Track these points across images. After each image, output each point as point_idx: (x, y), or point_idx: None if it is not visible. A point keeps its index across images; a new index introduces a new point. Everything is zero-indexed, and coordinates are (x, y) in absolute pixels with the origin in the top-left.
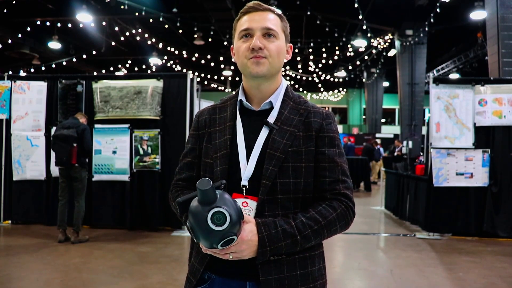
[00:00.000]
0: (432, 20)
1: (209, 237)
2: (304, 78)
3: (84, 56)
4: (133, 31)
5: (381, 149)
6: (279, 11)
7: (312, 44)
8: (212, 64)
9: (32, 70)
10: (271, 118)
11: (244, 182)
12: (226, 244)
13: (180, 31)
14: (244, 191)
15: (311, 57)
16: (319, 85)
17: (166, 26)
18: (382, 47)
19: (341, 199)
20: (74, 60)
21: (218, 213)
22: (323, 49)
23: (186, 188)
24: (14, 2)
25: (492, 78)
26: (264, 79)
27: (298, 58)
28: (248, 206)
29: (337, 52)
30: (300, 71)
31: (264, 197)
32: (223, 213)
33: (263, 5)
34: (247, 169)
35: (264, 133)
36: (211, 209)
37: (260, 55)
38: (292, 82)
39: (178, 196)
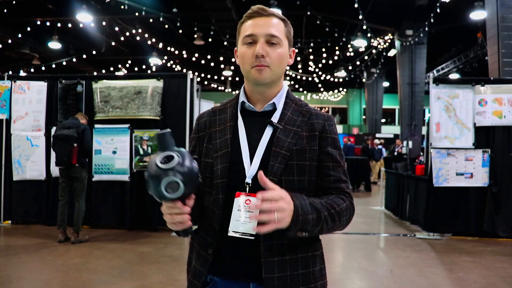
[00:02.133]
0: (432, 20)
1: (155, 178)
2: (304, 78)
3: (84, 56)
4: (133, 31)
5: (383, 149)
6: (283, 16)
7: (312, 44)
8: (212, 64)
9: (32, 70)
10: (275, 119)
11: (248, 180)
12: (171, 189)
13: (180, 31)
14: (248, 189)
15: (311, 57)
16: (319, 85)
17: (166, 26)
18: (382, 47)
19: (346, 195)
20: (74, 60)
21: (168, 156)
22: (323, 49)
23: None
24: (14, 2)
25: (492, 78)
26: (267, 86)
27: (298, 58)
28: (251, 204)
29: (337, 52)
30: (300, 71)
31: None
32: (172, 155)
33: (268, 10)
34: (251, 167)
35: (268, 132)
36: (163, 152)
37: (262, 63)
38: (292, 82)
39: None
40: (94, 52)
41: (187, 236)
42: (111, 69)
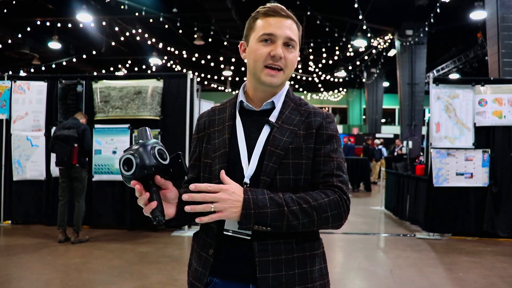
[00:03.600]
0: (432, 20)
1: (119, 161)
2: (304, 78)
3: (84, 56)
4: (133, 31)
5: (383, 149)
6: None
7: (312, 44)
8: (212, 64)
9: (32, 70)
10: (273, 118)
11: (246, 180)
12: (125, 164)
13: (180, 31)
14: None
15: (311, 57)
16: (319, 85)
17: (166, 26)
18: (382, 47)
19: (335, 190)
20: (74, 60)
21: (135, 143)
22: (323, 49)
23: (187, 187)
24: (14, 2)
25: (492, 78)
26: (275, 87)
27: (298, 58)
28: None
29: (337, 52)
30: (300, 71)
31: None
32: (138, 142)
33: (286, 11)
34: (249, 167)
35: (265, 131)
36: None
37: (279, 64)
38: (292, 82)
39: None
40: (94, 52)
41: (159, 222)
42: (111, 69)
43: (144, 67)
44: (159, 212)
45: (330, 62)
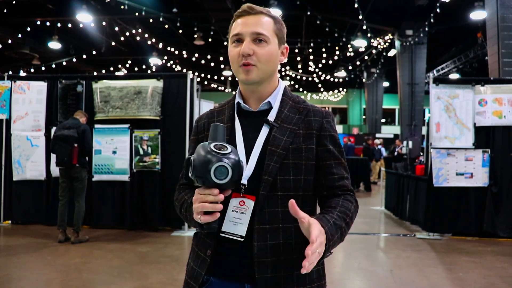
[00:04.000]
0: (432, 20)
1: (205, 161)
2: (304, 78)
3: (84, 56)
4: (133, 31)
5: (383, 149)
6: (274, 13)
7: (312, 44)
8: (212, 64)
9: (32, 70)
10: (271, 117)
11: (244, 181)
12: (219, 173)
13: (180, 31)
14: (243, 190)
15: (311, 57)
16: (319, 85)
17: (166, 26)
18: (382, 47)
19: (350, 194)
20: (74, 60)
21: (221, 145)
22: (323, 49)
23: (188, 189)
24: (14, 2)
25: (492, 78)
26: (257, 84)
27: (298, 58)
28: (245, 205)
29: (337, 52)
30: (300, 71)
31: (265, 193)
32: (226, 146)
33: (256, 8)
34: (247, 168)
35: (264, 131)
36: (217, 142)
37: (249, 61)
38: (292, 82)
39: (181, 195)
40: (94, 52)
41: (212, 231)
42: (111, 69)
43: (144, 67)
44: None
45: (330, 62)
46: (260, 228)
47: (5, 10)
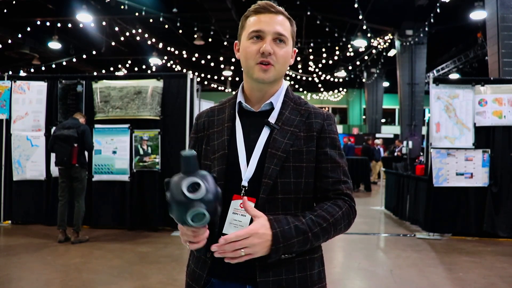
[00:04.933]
0: (432, 20)
1: (180, 206)
2: (304, 78)
3: (84, 56)
4: (133, 31)
5: (381, 149)
6: (288, 15)
7: (312, 44)
8: (212, 64)
9: (32, 70)
10: (272, 119)
11: (244, 183)
12: (196, 219)
13: (180, 31)
14: (243, 192)
15: (311, 57)
16: (319, 85)
17: (166, 26)
18: (382, 47)
19: (345, 199)
20: (74, 60)
21: (195, 183)
22: (323, 49)
23: None
24: (14, 2)
25: (492, 78)
26: (268, 84)
27: (298, 58)
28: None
29: (337, 52)
30: (300, 71)
31: (265, 196)
32: (199, 183)
33: (276, 7)
34: (248, 170)
35: (265, 133)
36: (189, 177)
37: (268, 60)
38: (292, 82)
39: None
40: (94, 52)
41: (202, 254)
42: (111, 69)
43: (144, 67)
44: (208, 247)
45: (330, 62)
46: None
47: (5, 10)
